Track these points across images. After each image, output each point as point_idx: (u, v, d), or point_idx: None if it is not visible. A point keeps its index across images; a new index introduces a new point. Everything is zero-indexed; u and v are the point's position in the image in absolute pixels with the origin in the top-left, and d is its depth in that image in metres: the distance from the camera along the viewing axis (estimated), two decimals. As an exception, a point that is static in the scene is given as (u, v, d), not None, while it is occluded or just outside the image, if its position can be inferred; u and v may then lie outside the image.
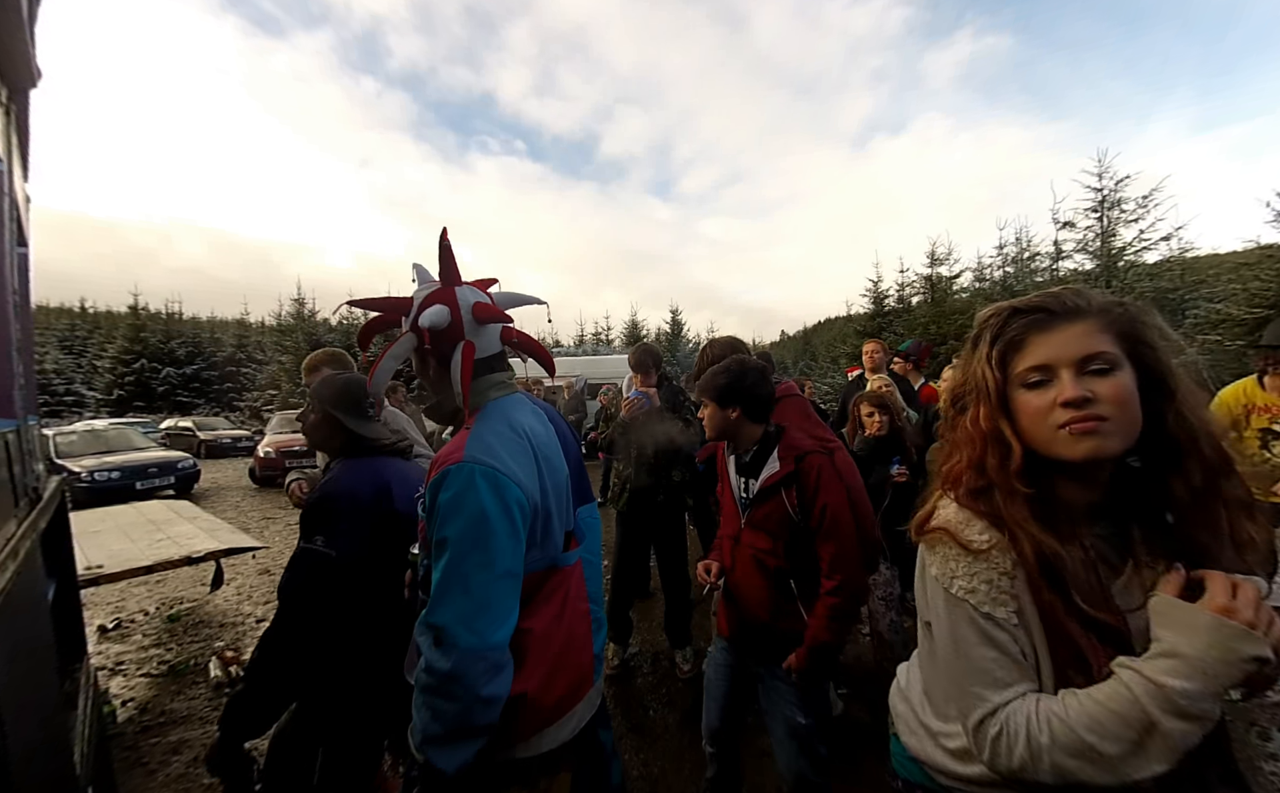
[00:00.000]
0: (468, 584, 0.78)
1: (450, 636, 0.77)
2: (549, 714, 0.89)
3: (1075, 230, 10.32)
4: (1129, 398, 0.58)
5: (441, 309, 0.89)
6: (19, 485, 1.12)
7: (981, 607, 0.63)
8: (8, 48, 1.00)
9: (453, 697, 0.77)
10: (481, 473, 0.80)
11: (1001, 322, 0.64)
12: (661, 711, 2.38)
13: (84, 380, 24.02)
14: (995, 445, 0.63)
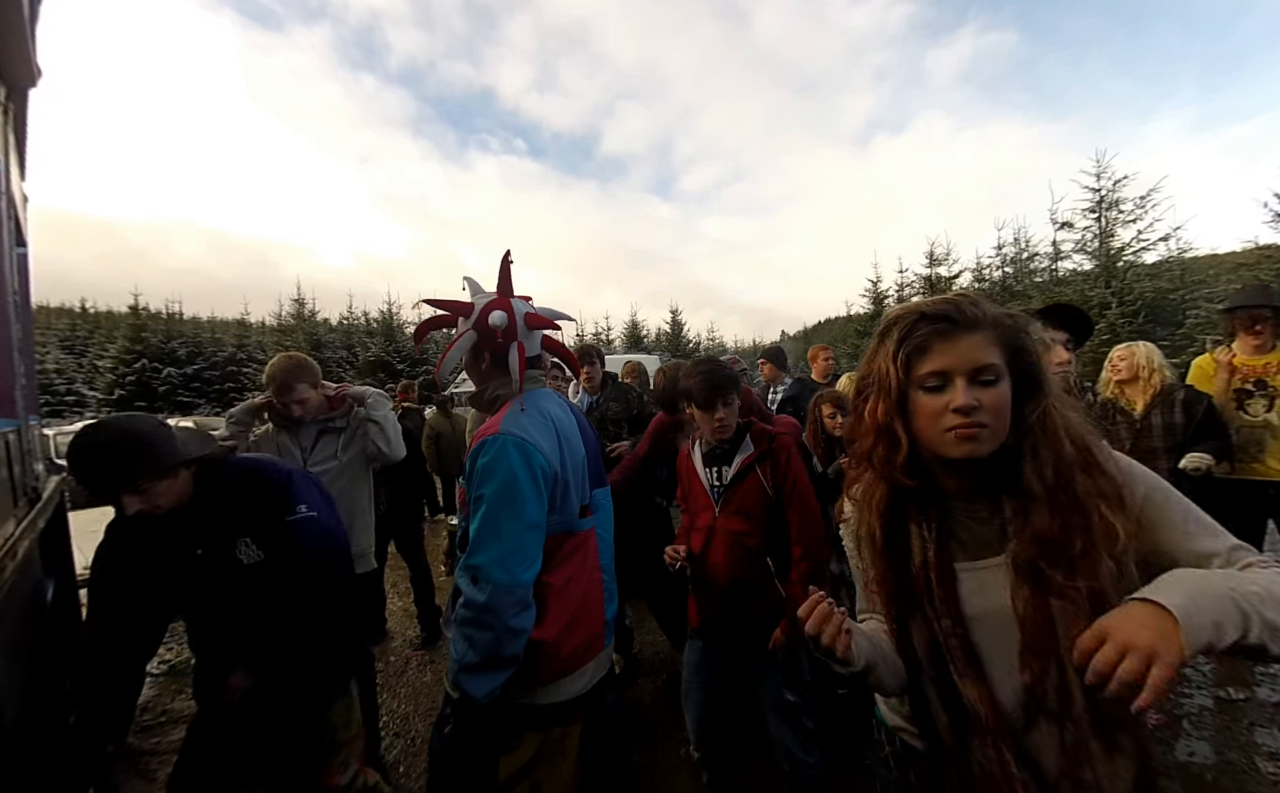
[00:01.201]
0: (500, 532, 0.95)
1: (486, 573, 0.93)
2: (564, 664, 1.04)
3: (1074, 230, 10.33)
4: (1005, 407, 0.66)
5: (503, 314, 1.08)
6: (19, 485, 1.12)
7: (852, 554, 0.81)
8: (9, 47, 1.00)
9: (486, 626, 0.92)
10: (513, 442, 0.98)
11: (909, 325, 0.70)
12: (662, 710, 2.38)
13: (85, 380, 24.02)
14: (886, 439, 0.71)
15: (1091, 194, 9.90)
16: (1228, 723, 2.11)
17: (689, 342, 24.56)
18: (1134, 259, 9.51)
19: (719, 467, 1.56)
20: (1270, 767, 1.88)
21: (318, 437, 2.03)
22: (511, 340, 1.09)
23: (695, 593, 1.59)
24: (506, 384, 1.10)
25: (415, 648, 3.04)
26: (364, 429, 1.97)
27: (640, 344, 23.19)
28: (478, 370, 1.14)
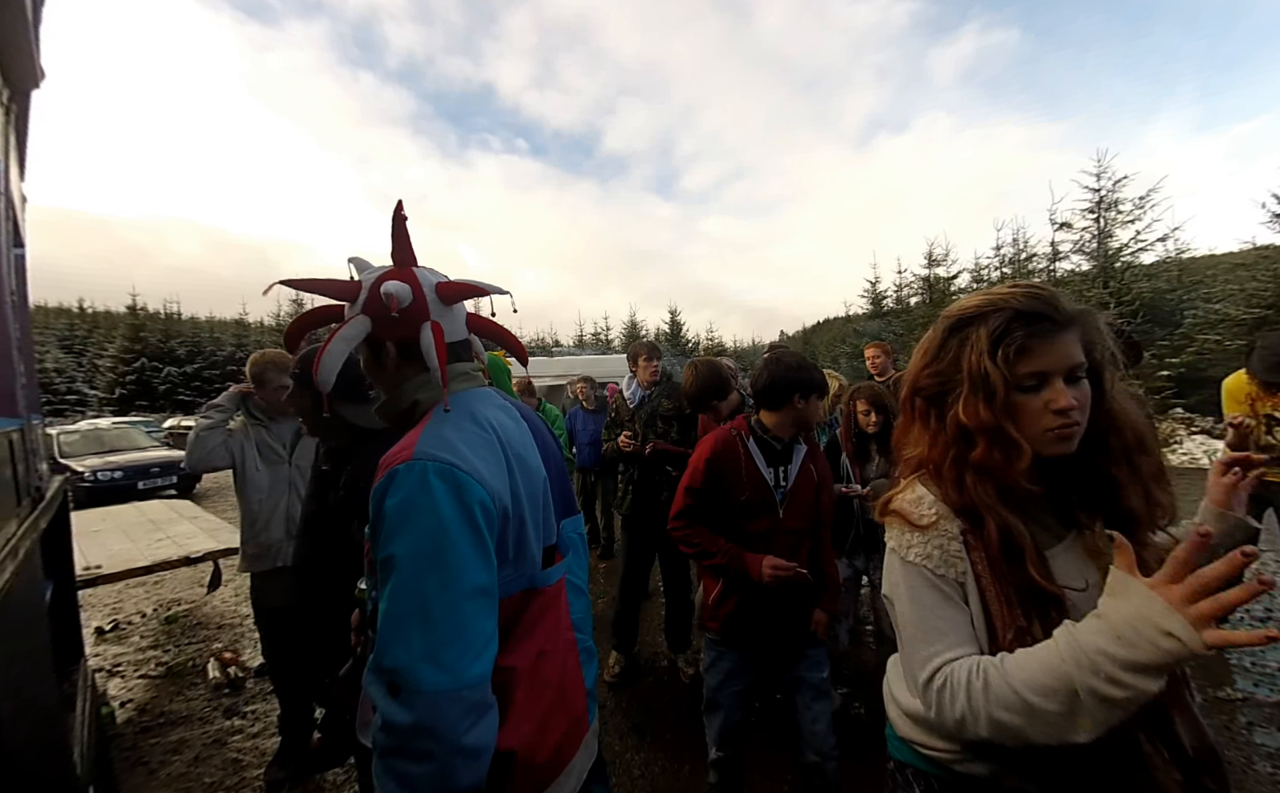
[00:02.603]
0: (427, 610, 0.63)
1: (410, 679, 0.61)
2: (544, 772, 0.74)
3: (1072, 231, 10.34)
4: (1089, 402, 0.67)
5: (403, 286, 0.77)
6: (22, 485, 1.12)
7: (937, 570, 0.69)
8: (12, 48, 1.00)
9: (422, 755, 0.61)
10: (436, 471, 0.66)
11: (1004, 323, 0.67)
12: (662, 712, 2.38)
13: (85, 380, 24.00)
14: (1000, 444, 0.66)
15: (1091, 194, 9.91)
16: (1226, 722, 2.12)
17: (688, 341, 24.57)
18: (1132, 259, 9.53)
19: (782, 466, 1.53)
20: (1268, 767, 1.89)
21: (297, 435, 2.05)
22: (421, 319, 0.78)
23: (743, 601, 1.51)
24: (426, 385, 0.80)
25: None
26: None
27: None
28: (383, 371, 0.81)
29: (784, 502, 1.51)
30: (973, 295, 0.73)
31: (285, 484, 2.02)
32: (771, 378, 1.52)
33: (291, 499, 2.01)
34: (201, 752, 2.20)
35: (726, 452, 1.53)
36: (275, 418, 2.06)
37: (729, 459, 1.52)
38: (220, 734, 2.31)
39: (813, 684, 1.53)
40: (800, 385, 1.49)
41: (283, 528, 1.99)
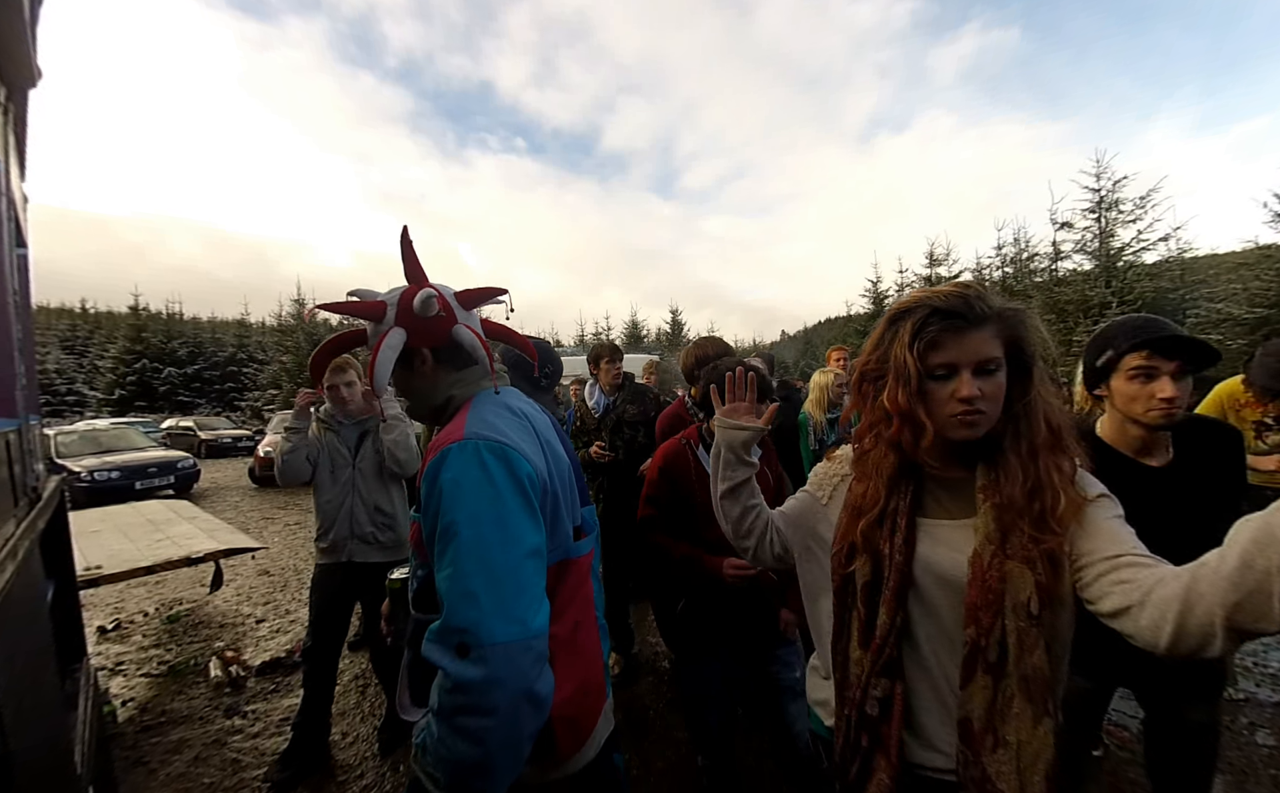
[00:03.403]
0: (492, 567, 0.67)
1: (484, 634, 0.64)
2: (578, 733, 0.81)
3: (1073, 231, 10.32)
4: (1001, 394, 0.74)
5: (430, 294, 0.84)
6: (19, 485, 1.12)
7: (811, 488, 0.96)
8: (9, 48, 1.00)
9: (491, 709, 0.64)
10: (488, 447, 0.73)
11: (923, 319, 0.75)
12: (661, 711, 2.38)
13: (85, 380, 24.05)
14: (910, 425, 0.77)
15: (1091, 194, 9.89)
16: (1228, 723, 2.11)
17: (688, 342, 24.53)
18: (1134, 259, 9.50)
19: None
20: (1271, 768, 1.89)
21: (360, 439, 2.18)
22: (451, 324, 0.86)
23: (706, 609, 1.52)
24: (461, 382, 0.88)
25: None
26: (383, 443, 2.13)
27: (640, 343, 23.17)
28: (419, 376, 0.88)
29: None
30: (912, 292, 0.84)
31: (349, 487, 2.13)
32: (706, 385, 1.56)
33: (354, 501, 2.12)
34: (201, 752, 2.20)
35: (677, 460, 1.58)
36: (342, 422, 2.18)
37: (679, 467, 1.57)
38: (220, 734, 2.31)
39: (787, 685, 1.53)
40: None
41: (348, 527, 2.10)
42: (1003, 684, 0.70)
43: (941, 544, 0.78)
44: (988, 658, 0.71)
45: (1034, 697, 0.69)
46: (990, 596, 0.71)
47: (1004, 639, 0.70)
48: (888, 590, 0.77)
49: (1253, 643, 2.68)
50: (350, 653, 3.01)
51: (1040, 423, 0.74)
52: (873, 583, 0.79)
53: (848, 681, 0.81)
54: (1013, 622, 0.70)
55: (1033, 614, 0.69)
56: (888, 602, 0.76)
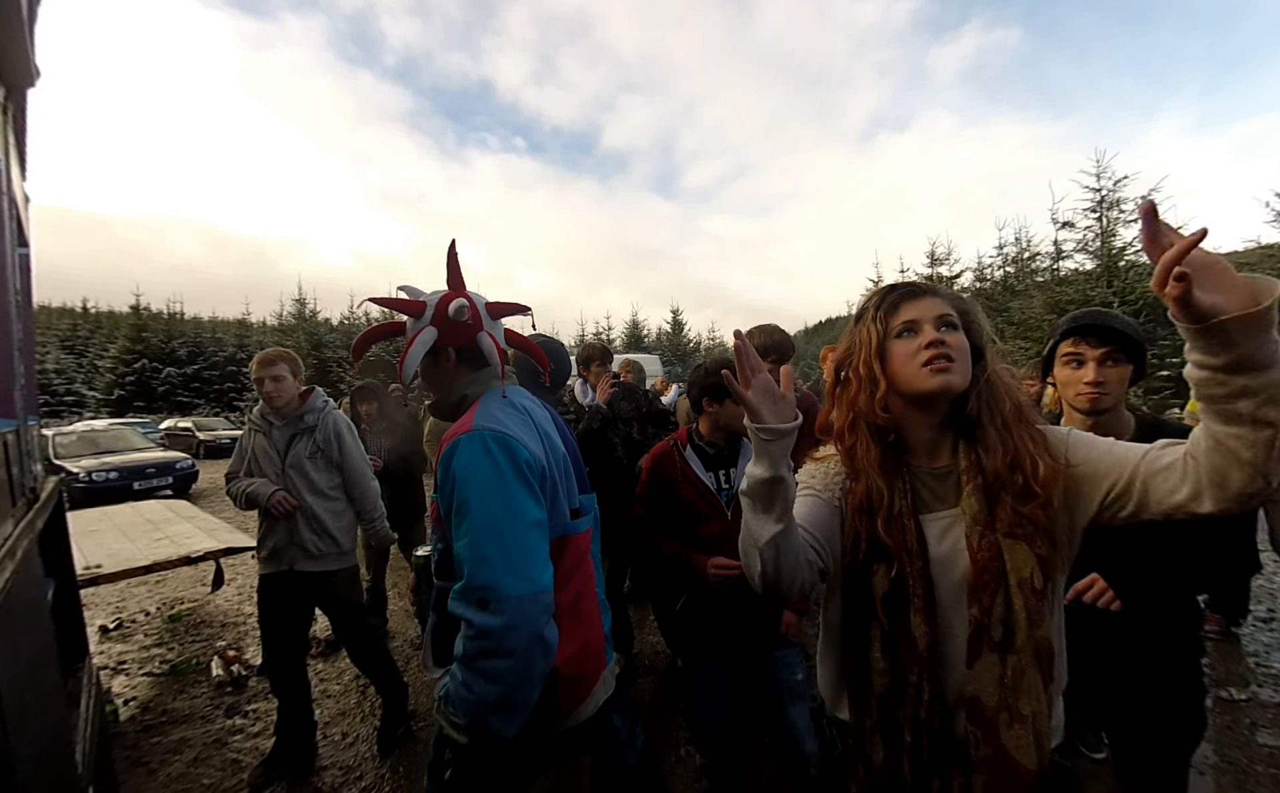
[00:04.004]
0: (502, 536, 0.81)
1: (501, 589, 0.78)
2: (579, 689, 0.93)
3: (1075, 230, 10.30)
4: (966, 349, 0.79)
5: (464, 303, 0.98)
6: (17, 486, 1.12)
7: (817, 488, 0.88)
8: (7, 47, 1.00)
9: (509, 651, 0.78)
10: (492, 436, 0.86)
11: (883, 294, 0.84)
12: (662, 712, 2.38)
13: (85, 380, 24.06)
14: (869, 384, 0.82)
15: (1092, 194, 9.88)
16: (1229, 723, 2.11)
17: (689, 342, 24.55)
18: (1136, 259, 9.49)
19: (725, 469, 1.54)
20: (1270, 768, 1.88)
21: (290, 441, 2.04)
22: (477, 331, 1.00)
23: (704, 608, 1.52)
24: (475, 381, 1.01)
25: (416, 648, 3.05)
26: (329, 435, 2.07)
27: (641, 344, 23.17)
28: (441, 372, 1.02)
29: (730, 504, 1.51)
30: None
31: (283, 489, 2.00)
32: (690, 386, 1.62)
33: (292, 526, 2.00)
34: (202, 752, 2.20)
35: (665, 461, 1.61)
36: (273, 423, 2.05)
37: (667, 467, 1.60)
38: (221, 734, 2.31)
39: (787, 687, 1.52)
40: (708, 390, 1.54)
41: (286, 534, 1.98)
42: (1013, 660, 0.71)
43: (947, 536, 0.79)
44: (993, 636, 0.72)
45: (1043, 667, 0.71)
46: (986, 574, 0.73)
47: (1009, 617, 0.71)
48: (918, 600, 0.76)
49: (1253, 643, 2.67)
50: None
51: (1004, 398, 0.80)
52: (893, 593, 0.77)
53: (870, 689, 0.79)
54: (1019, 599, 0.71)
55: (1037, 589, 0.71)
56: (920, 611, 0.75)
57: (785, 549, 0.73)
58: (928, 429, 0.82)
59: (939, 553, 0.78)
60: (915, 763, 0.74)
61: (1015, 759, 0.70)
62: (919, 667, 0.75)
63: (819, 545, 0.81)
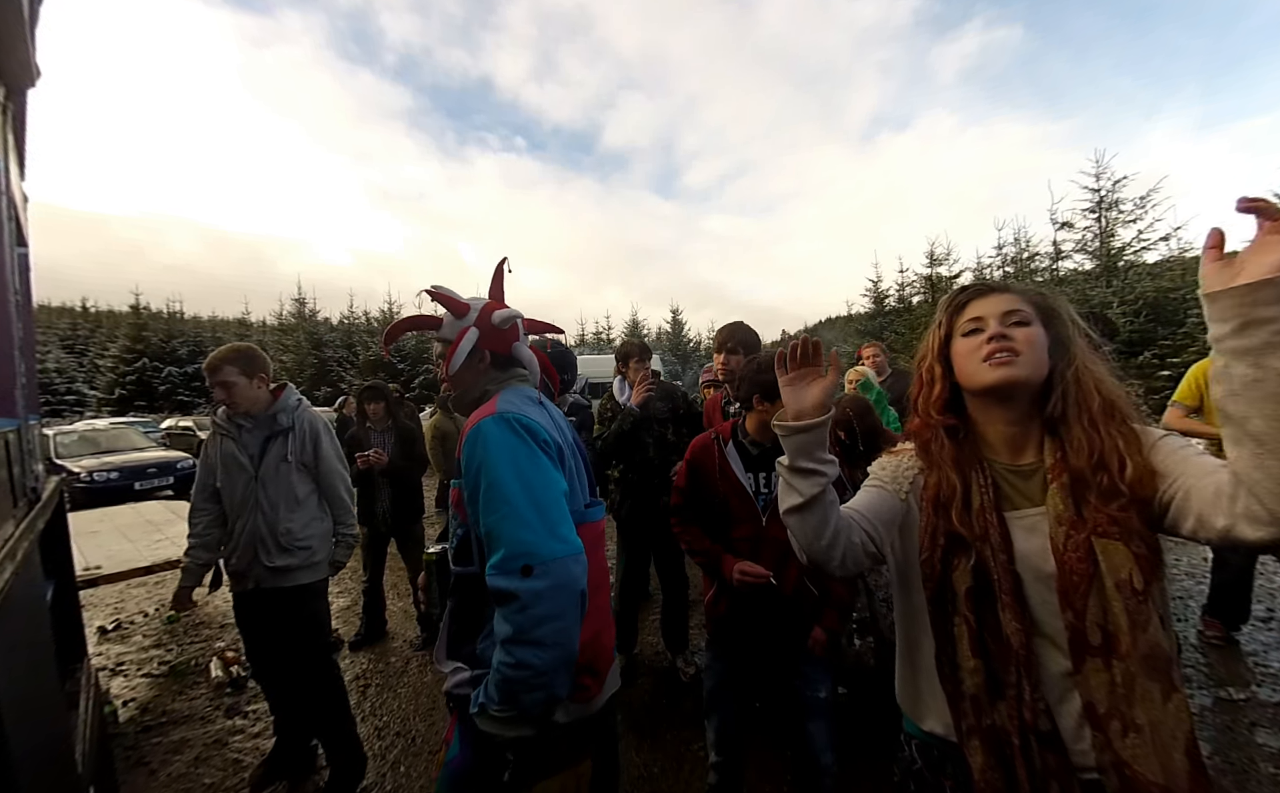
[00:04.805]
0: (539, 501, 0.84)
1: (543, 551, 0.80)
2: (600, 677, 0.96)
3: (1074, 230, 10.31)
4: (1038, 341, 0.76)
5: (514, 315, 1.09)
6: (18, 486, 1.12)
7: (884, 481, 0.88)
8: (8, 47, 1.00)
9: (559, 613, 0.80)
10: (514, 418, 0.90)
11: (954, 296, 0.85)
12: (662, 711, 2.38)
13: (86, 380, 24.04)
14: (928, 385, 0.84)
15: (1091, 194, 9.88)
16: (1229, 723, 2.11)
17: (689, 341, 24.55)
18: (1135, 259, 9.50)
19: (766, 472, 1.46)
20: (1271, 767, 1.88)
21: (265, 443, 1.84)
22: (515, 339, 1.10)
23: (734, 606, 1.49)
24: (497, 380, 1.06)
25: (416, 649, 3.05)
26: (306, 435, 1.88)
27: (640, 344, 23.13)
28: (471, 370, 1.07)
29: (767, 509, 1.44)
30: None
31: (251, 504, 1.80)
32: (740, 380, 1.52)
33: (257, 521, 1.79)
34: (202, 752, 2.20)
35: (704, 456, 1.54)
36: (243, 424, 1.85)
37: (705, 463, 1.53)
38: (221, 734, 2.31)
39: (808, 703, 1.47)
40: (759, 387, 1.43)
41: (251, 552, 1.80)
42: (1119, 666, 0.67)
43: (1034, 533, 0.75)
44: (1090, 641, 0.68)
45: (1158, 674, 0.67)
46: (1075, 577, 0.69)
47: (1107, 621, 0.68)
48: (1006, 596, 0.73)
49: (1252, 643, 2.67)
50: (351, 653, 3.01)
51: (1092, 392, 0.75)
52: (977, 589, 0.75)
53: (961, 693, 0.76)
54: (1118, 601, 0.67)
55: (1137, 590, 0.67)
56: (1010, 607, 0.73)
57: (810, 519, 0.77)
58: (1005, 424, 0.80)
59: (1026, 549, 0.75)
60: (1029, 767, 0.70)
61: (1135, 771, 0.65)
62: (1016, 666, 0.72)
63: (874, 530, 0.82)
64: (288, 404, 1.90)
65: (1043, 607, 0.73)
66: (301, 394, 2.03)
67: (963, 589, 0.76)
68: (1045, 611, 0.73)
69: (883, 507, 0.85)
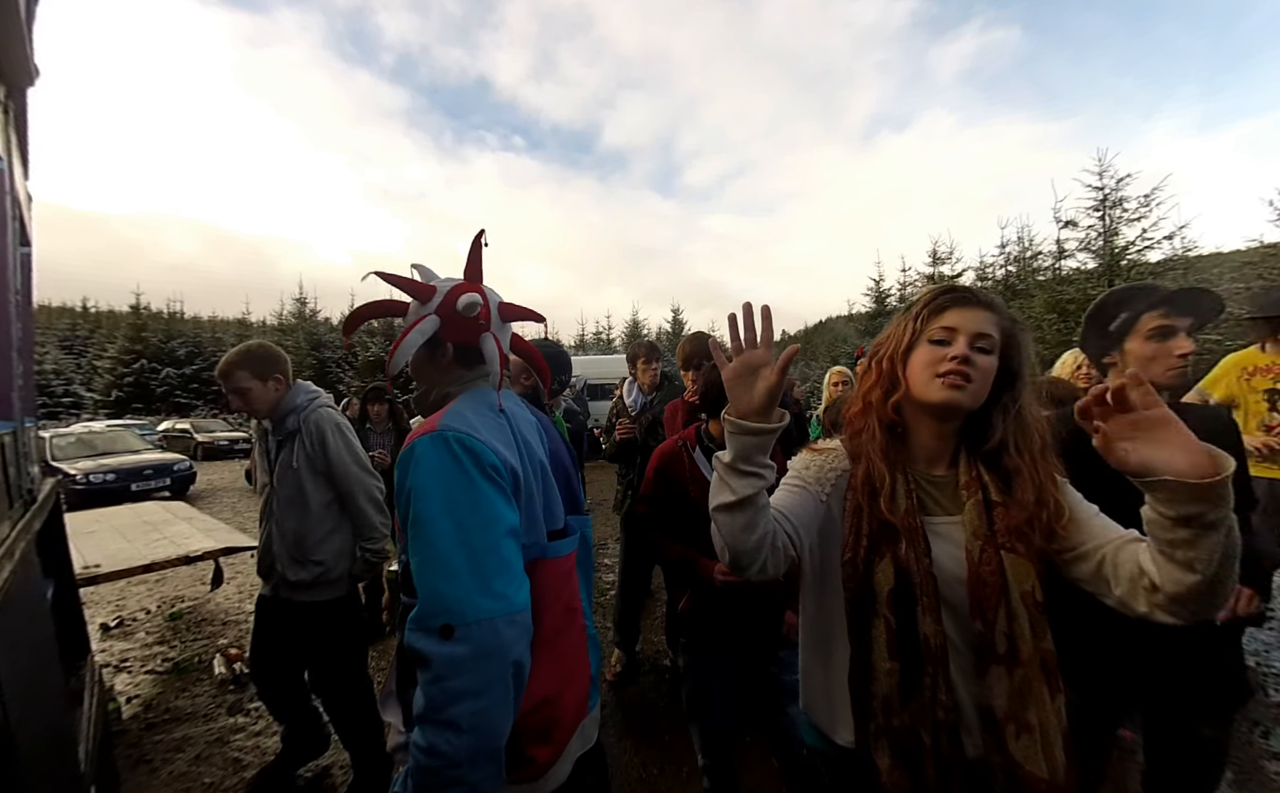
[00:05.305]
0: (471, 545, 0.68)
1: (468, 611, 0.65)
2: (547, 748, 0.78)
3: (1077, 229, 10.28)
4: (990, 373, 0.78)
5: (475, 297, 0.88)
6: (13, 488, 1.12)
7: (807, 480, 0.86)
8: (6, 47, 1.00)
9: (480, 689, 0.64)
10: (455, 439, 0.74)
11: (935, 293, 0.83)
12: (662, 711, 2.38)
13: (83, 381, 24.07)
14: (887, 381, 0.83)
15: (1094, 193, 9.85)
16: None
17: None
18: (1138, 258, 9.47)
19: None
20: (1274, 767, 1.88)
21: (279, 447, 1.77)
22: (484, 330, 0.90)
23: (708, 608, 1.51)
24: (462, 380, 0.91)
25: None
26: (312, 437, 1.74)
27: (641, 343, 23.15)
28: (434, 366, 0.91)
29: None
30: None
31: (268, 510, 1.75)
32: (707, 385, 1.57)
33: (271, 528, 1.73)
34: (204, 749, 2.20)
35: (672, 462, 1.58)
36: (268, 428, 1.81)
37: (674, 468, 1.57)
38: (223, 732, 2.31)
39: (788, 687, 1.49)
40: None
41: (270, 558, 1.73)
42: (1020, 673, 0.72)
43: (948, 541, 0.79)
44: (997, 649, 0.73)
45: (1049, 676, 0.73)
46: (986, 589, 0.73)
47: (1012, 630, 0.72)
48: (926, 598, 0.75)
49: (1253, 643, 2.67)
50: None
51: (1033, 431, 0.80)
52: (899, 589, 0.77)
53: (871, 694, 0.77)
54: (1023, 612, 0.72)
55: (1039, 602, 0.73)
56: (930, 610, 0.75)
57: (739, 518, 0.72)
58: (932, 436, 0.83)
59: (941, 556, 0.78)
60: (938, 765, 0.73)
61: (1026, 770, 0.70)
62: (933, 666, 0.75)
63: (794, 533, 0.79)
64: (294, 404, 1.75)
65: (953, 613, 0.77)
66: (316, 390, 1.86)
67: (885, 590, 0.77)
68: (955, 617, 0.77)
69: (803, 509, 0.83)
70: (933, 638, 0.75)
